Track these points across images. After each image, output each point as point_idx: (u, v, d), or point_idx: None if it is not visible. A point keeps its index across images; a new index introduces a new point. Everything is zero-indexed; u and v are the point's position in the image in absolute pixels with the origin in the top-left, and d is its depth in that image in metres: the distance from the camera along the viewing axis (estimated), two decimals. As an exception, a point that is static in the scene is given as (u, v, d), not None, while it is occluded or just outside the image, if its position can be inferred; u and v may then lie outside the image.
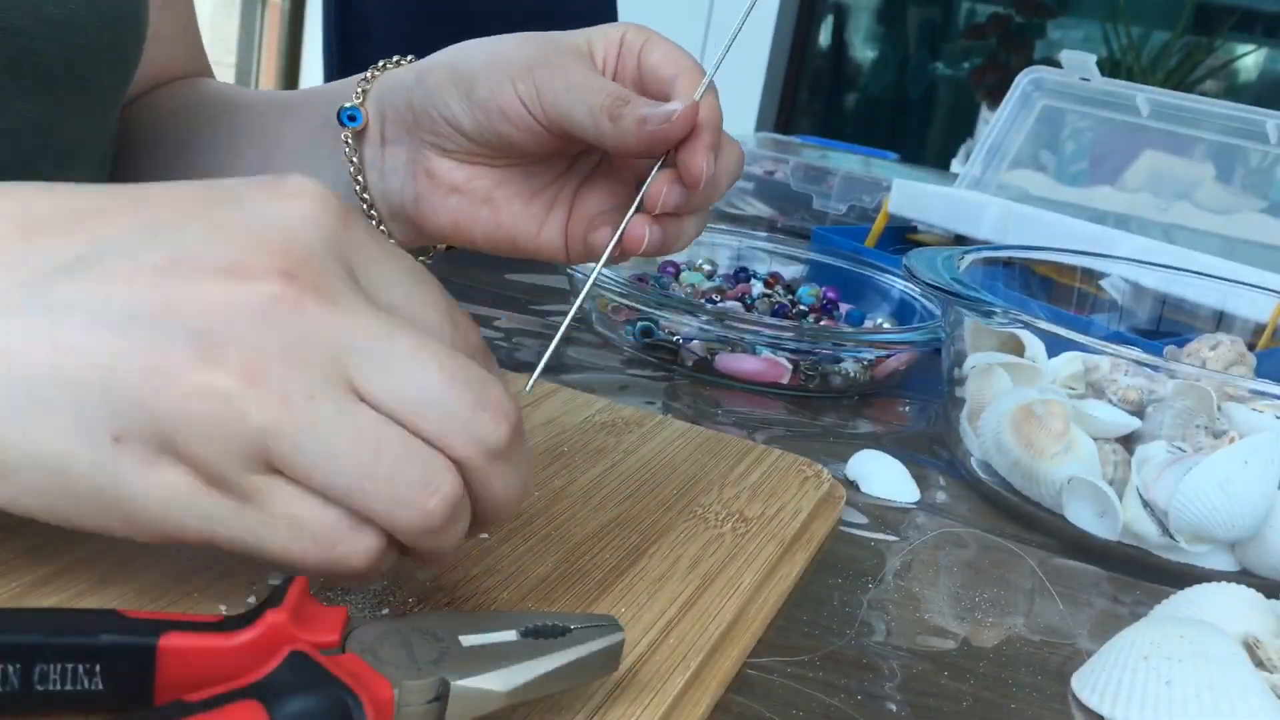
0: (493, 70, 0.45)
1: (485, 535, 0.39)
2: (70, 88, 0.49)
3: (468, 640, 0.28)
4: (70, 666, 0.26)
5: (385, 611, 0.34)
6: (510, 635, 0.29)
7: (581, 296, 0.44)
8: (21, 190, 0.30)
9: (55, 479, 0.28)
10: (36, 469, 0.28)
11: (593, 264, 0.46)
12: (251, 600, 0.33)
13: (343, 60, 1.29)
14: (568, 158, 0.49)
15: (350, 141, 0.50)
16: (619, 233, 0.44)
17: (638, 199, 0.44)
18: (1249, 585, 0.42)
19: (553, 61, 0.44)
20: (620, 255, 0.45)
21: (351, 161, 0.50)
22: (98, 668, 0.26)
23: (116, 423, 0.27)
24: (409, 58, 0.51)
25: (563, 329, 0.42)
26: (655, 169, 0.44)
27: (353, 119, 0.49)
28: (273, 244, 0.28)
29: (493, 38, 0.47)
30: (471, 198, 0.48)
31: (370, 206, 0.51)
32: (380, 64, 0.51)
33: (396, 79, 0.49)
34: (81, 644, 0.26)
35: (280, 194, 0.30)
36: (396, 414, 0.28)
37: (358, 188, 0.50)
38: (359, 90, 0.50)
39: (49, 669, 0.25)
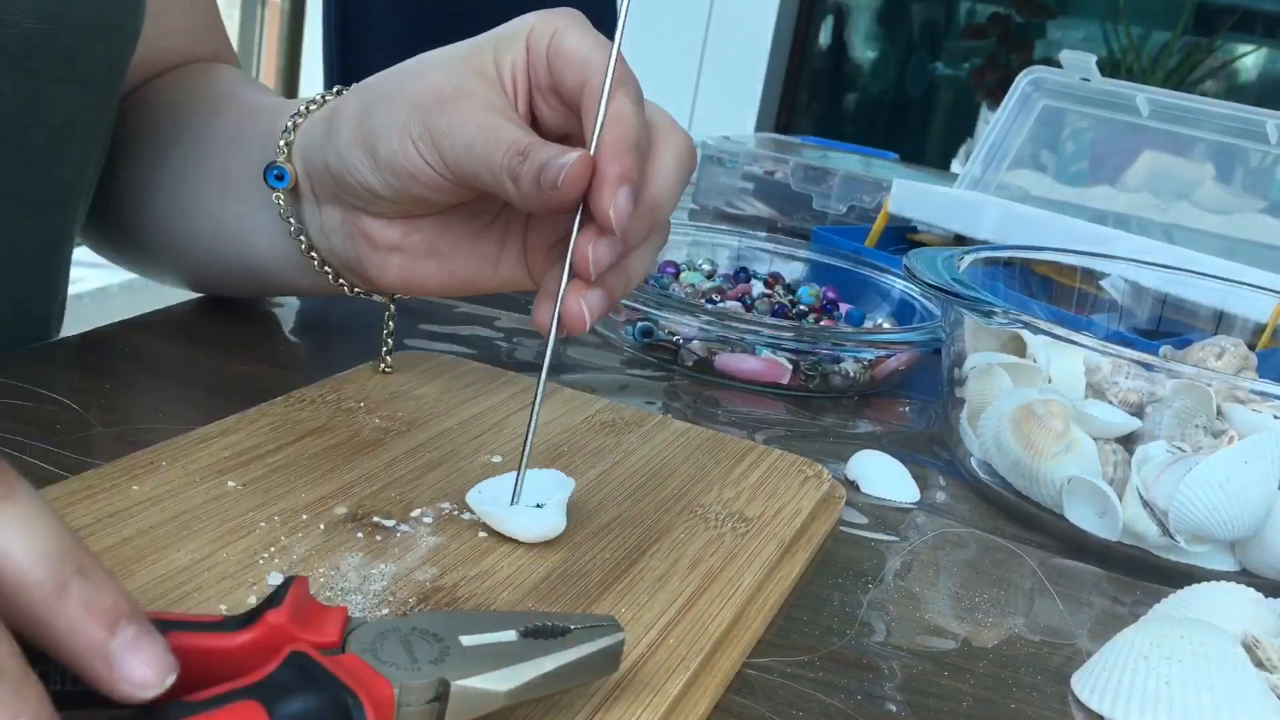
0: (392, 127, 0.42)
1: (483, 534, 0.39)
2: (58, 64, 0.48)
3: (468, 640, 0.28)
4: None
5: (385, 611, 0.34)
6: (510, 635, 0.29)
7: (543, 377, 0.41)
8: None
9: None
10: None
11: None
12: (252, 600, 0.33)
13: (343, 60, 1.29)
14: (495, 207, 0.46)
15: (283, 202, 0.48)
16: (554, 319, 0.40)
17: (564, 272, 0.40)
18: (1249, 585, 0.43)
19: (452, 107, 0.41)
20: (569, 333, 0.41)
21: (289, 221, 0.48)
22: None
23: None
24: (329, 94, 0.48)
25: (539, 392, 0.40)
26: (574, 232, 0.39)
27: (280, 179, 0.47)
28: None
29: (405, 65, 0.44)
30: (414, 253, 0.46)
31: (321, 264, 0.49)
32: (301, 108, 0.48)
33: (310, 135, 0.46)
34: None
35: None
36: None
37: (302, 245, 0.49)
38: (282, 144, 0.48)
39: (49, 668, 0.25)
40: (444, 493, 0.42)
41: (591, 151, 0.39)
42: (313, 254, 0.49)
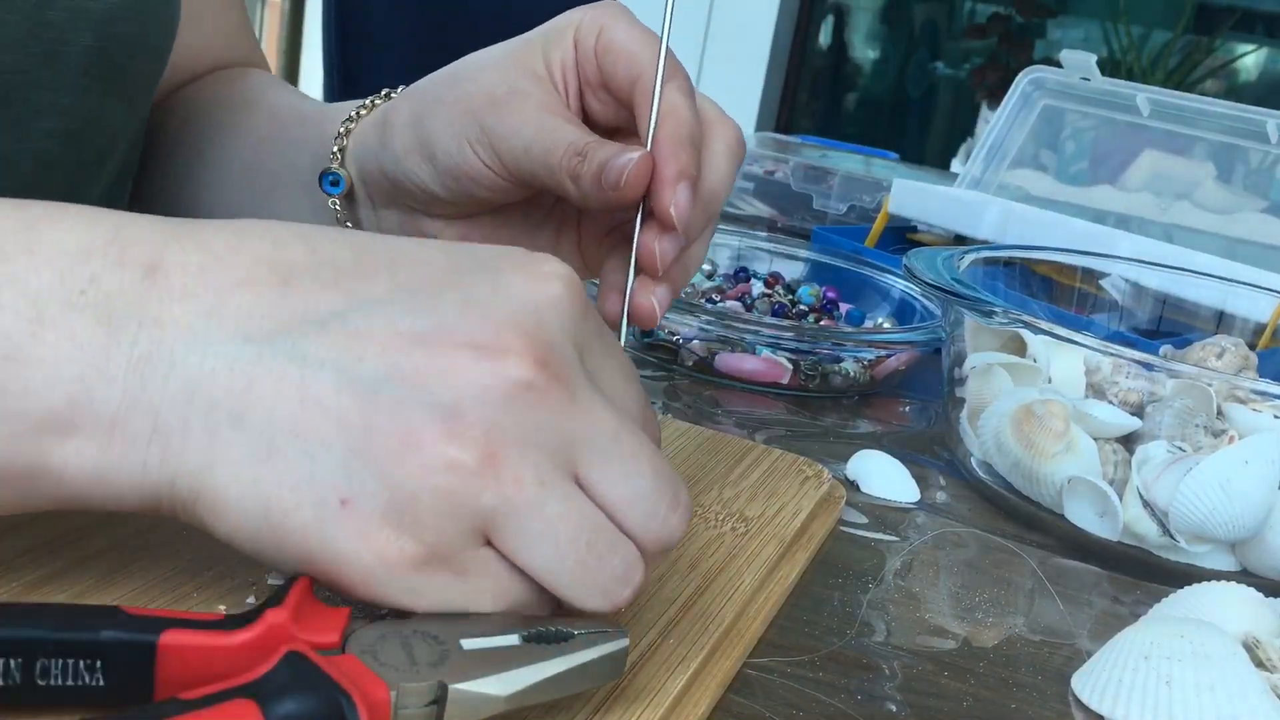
0: (448, 132, 0.42)
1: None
2: (107, 79, 0.48)
3: (468, 643, 0.28)
4: (71, 662, 0.26)
5: (385, 612, 0.34)
6: (512, 639, 0.29)
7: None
8: (270, 230, 0.30)
9: (270, 529, 0.28)
10: (256, 515, 0.28)
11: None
12: (251, 600, 0.33)
13: (343, 60, 1.29)
14: (551, 197, 0.46)
15: (339, 207, 0.48)
16: (625, 313, 0.41)
17: (630, 269, 0.41)
18: (1249, 585, 0.42)
19: (507, 109, 0.41)
20: (642, 327, 0.42)
21: (346, 225, 0.48)
22: (99, 664, 0.26)
23: (349, 485, 0.27)
24: (378, 99, 0.48)
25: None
26: (636, 230, 0.40)
27: (335, 184, 0.47)
28: (526, 327, 0.29)
29: (454, 67, 0.44)
30: None
31: None
32: (352, 113, 0.48)
33: (365, 141, 0.46)
34: (83, 639, 0.26)
35: (535, 274, 0.30)
36: (608, 506, 0.29)
37: None
38: (336, 151, 0.47)
39: (50, 664, 0.25)
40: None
41: (648, 148, 0.39)
42: None
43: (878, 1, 3.28)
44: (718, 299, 0.73)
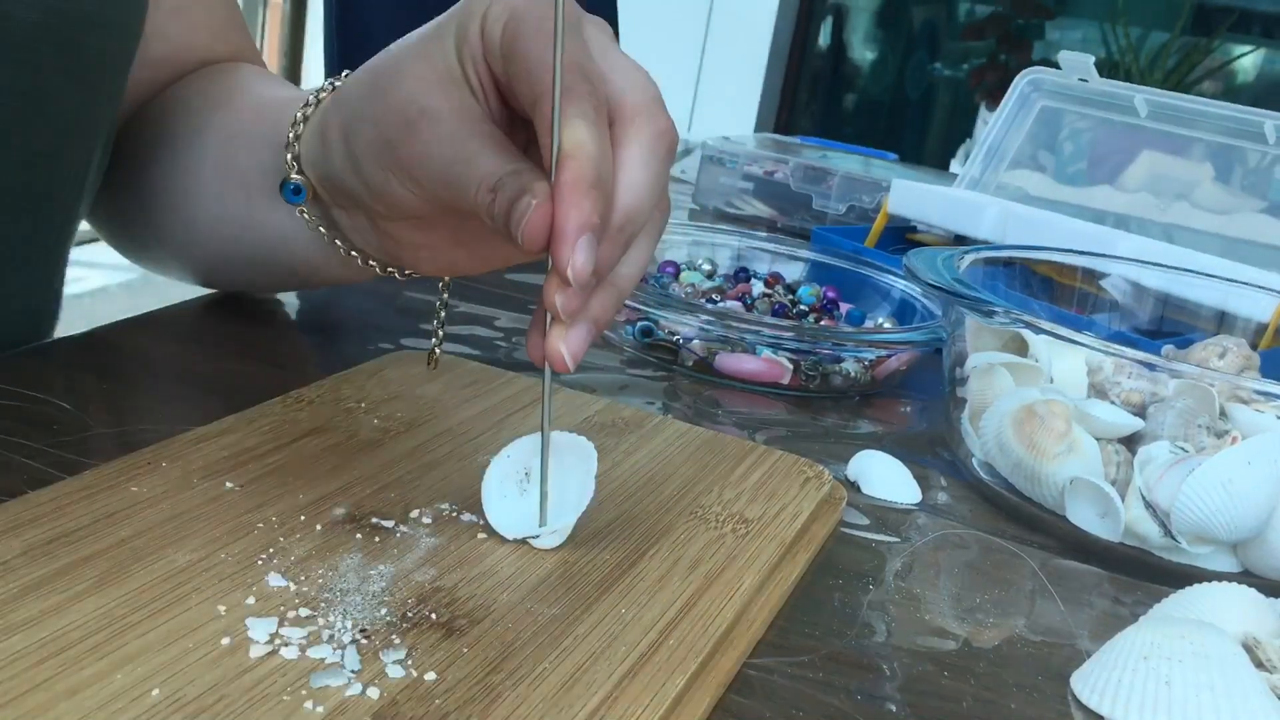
0: (370, 154, 0.40)
1: (482, 535, 0.39)
2: (60, 59, 0.47)
3: None
4: None
5: (384, 611, 0.34)
6: None
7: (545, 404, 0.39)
8: None
9: None
10: None
11: None
12: (251, 601, 0.33)
13: (343, 60, 1.29)
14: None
15: (308, 215, 0.47)
16: (545, 374, 0.38)
17: (546, 316, 0.37)
18: (1251, 587, 0.42)
19: (417, 135, 0.38)
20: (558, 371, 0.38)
21: (321, 230, 0.47)
22: None
23: None
24: (323, 92, 0.46)
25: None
26: (548, 274, 0.36)
27: (296, 193, 0.46)
28: None
29: (373, 66, 0.42)
30: (440, 247, 0.45)
31: (365, 259, 0.48)
32: (298, 115, 0.46)
33: (311, 149, 0.45)
34: None
35: None
36: None
37: (341, 249, 0.47)
38: (289, 158, 0.46)
39: None
40: (443, 493, 0.41)
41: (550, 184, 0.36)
42: (353, 253, 0.48)
43: (877, 2, 3.28)
44: (718, 299, 0.73)
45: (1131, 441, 0.51)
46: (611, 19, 1.48)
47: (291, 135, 0.46)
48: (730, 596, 0.38)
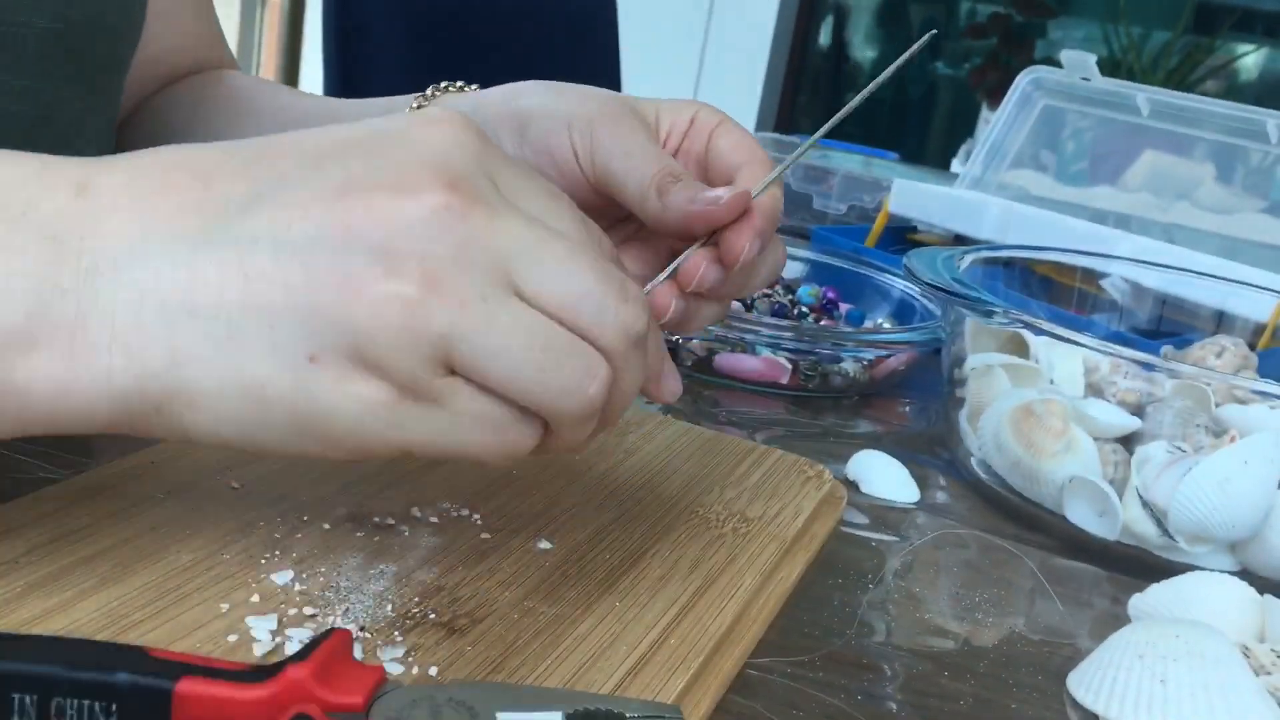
0: (551, 115, 0.43)
1: (485, 535, 0.39)
2: (68, 65, 0.48)
3: (505, 716, 0.27)
4: (87, 703, 0.25)
5: (389, 609, 0.34)
6: (555, 716, 0.27)
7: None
8: (182, 146, 0.32)
9: (253, 405, 0.29)
10: (235, 397, 0.29)
11: None
12: (256, 600, 0.33)
13: (342, 60, 1.29)
14: (606, 219, 0.46)
15: None
16: (645, 290, 0.40)
17: (671, 267, 0.40)
18: (1250, 586, 0.43)
19: (614, 120, 0.42)
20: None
21: None
22: (114, 706, 0.26)
23: (312, 342, 0.29)
24: (472, 86, 0.49)
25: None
26: (697, 244, 0.40)
27: None
28: (430, 163, 0.30)
29: (557, 84, 0.45)
30: None
31: None
32: (437, 86, 0.49)
33: (454, 104, 0.47)
34: (99, 681, 0.26)
35: (428, 120, 0.32)
36: (554, 311, 0.31)
37: None
38: (415, 106, 0.48)
39: (66, 703, 0.25)
40: (445, 492, 0.42)
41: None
42: None
43: (877, 1, 3.28)
44: (718, 299, 0.73)
45: (1129, 441, 0.51)
46: (612, 19, 1.48)
47: (430, 92, 0.48)
48: (731, 596, 0.38)
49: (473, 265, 0.29)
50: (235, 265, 0.29)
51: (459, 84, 0.49)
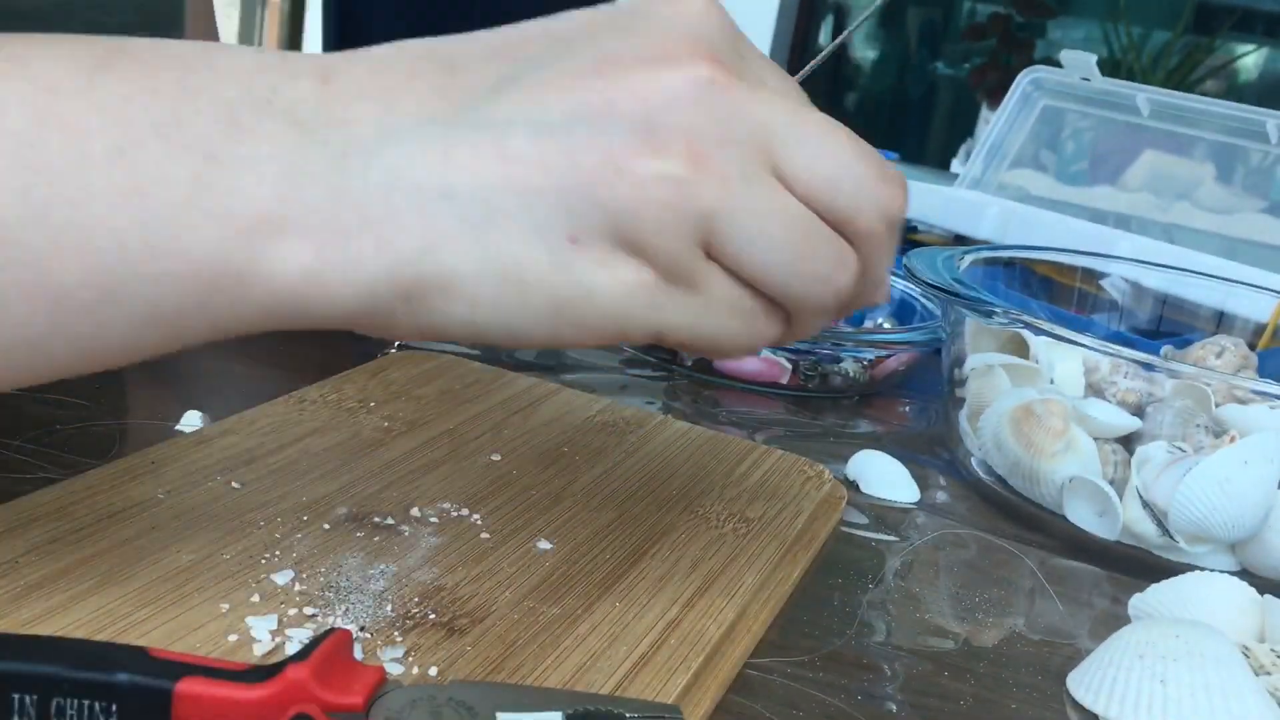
0: None
1: (484, 535, 0.39)
2: None
3: (505, 716, 0.27)
4: (87, 703, 0.25)
5: (389, 609, 0.34)
6: (555, 716, 0.27)
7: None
8: (423, 40, 0.31)
9: (512, 288, 0.29)
10: (493, 280, 0.29)
11: None
12: (256, 599, 0.33)
13: (343, 60, 1.29)
14: None
15: None
16: None
17: None
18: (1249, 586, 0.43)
19: None
20: None
21: None
22: (114, 707, 0.26)
23: (572, 223, 0.28)
24: None
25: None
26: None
27: None
28: (687, 35, 0.29)
29: None
30: None
31: None
32: None
33: None
34: (99, 681, 0.26)
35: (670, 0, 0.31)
36: (815, 189, 0.30)
37: None
38: None
39: (66, 703, 0.25)
40: (445, 492, 0.42)
41: None
42: None
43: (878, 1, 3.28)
44: (718, 299, 0.73)
45: (1129, 441, 0.51)
46: None
47: None
48: (731, 596, 0.38)
49: (737, 142, 0.29)
50: (491, 146, 0.28)
51: None
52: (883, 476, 0.54)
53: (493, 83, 0.29)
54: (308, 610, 0.33)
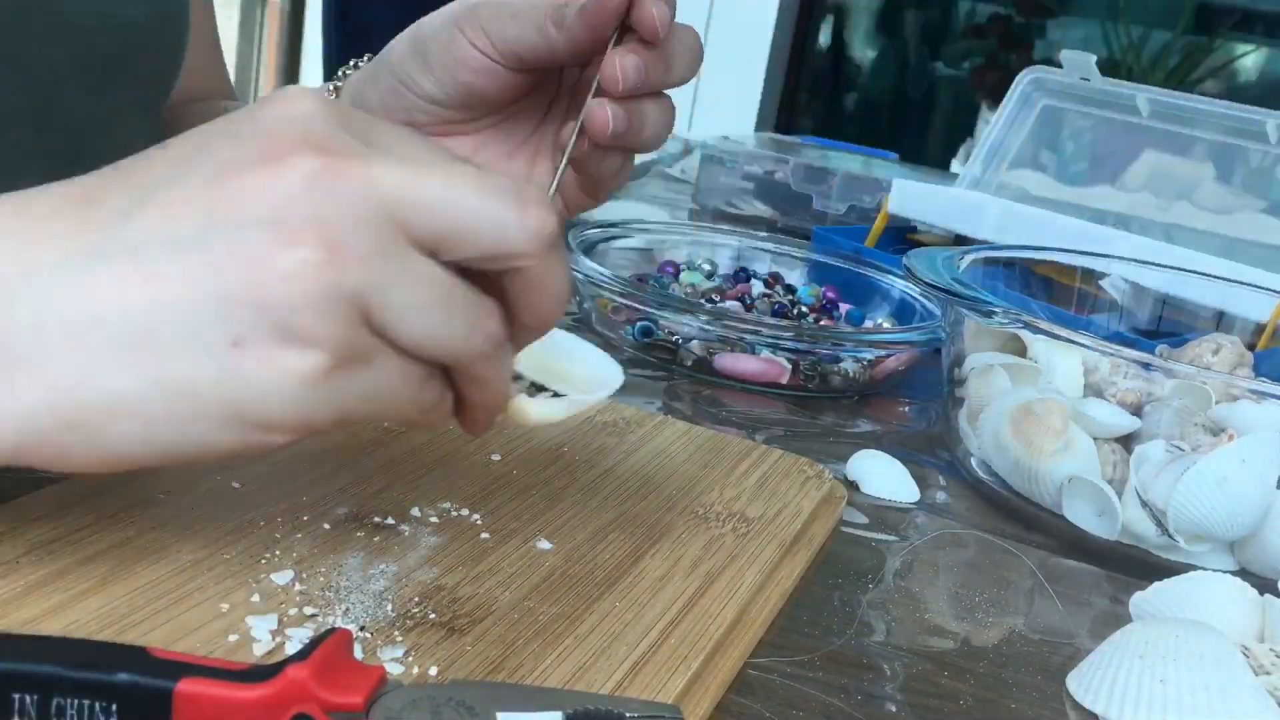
0: (441, 27, 0.46)
1: (484, 535, 0.39)
2: (126, 84, 0.49)
3: (505, 716, 0.27)
4: (87, 703, 0.25)
5: (389, 609, 0.34)
6: (555, 716, 0.27)
7: (559, 173, 0.45)
8: (59, 183, 0.32)
9: (184, 402, 0.29)
10: (162, 397, 0.29)
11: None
12: (256, 599, 0.33)
13: (342, 61, 1.29)
14: (541, 106, 0.49)
15: None
16: (579, 121, 0.43)
17: (594, 83, 0.43)
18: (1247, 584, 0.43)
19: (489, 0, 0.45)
20: (589, 148, 0.44)
21: None
22: (114, 706, 0.26)
23: (231, 328, 0.28)
24: (365, 57, 0.52)
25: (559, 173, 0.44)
26: (609, 49, 0.43)
27: None
28: (290, 132, 0.30)
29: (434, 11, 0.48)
30: (491, 164, 0.49)
31: None
32: (341, 71, 0.52)
33: (359, 76, 0.50)
34: (99, 681, 0.26)
35: (274, 100, 0.31)
36: (449, 246, 0.30)
37: None
38: (330, 90, 0.51)
39: (66, 703, 0.25)
40: (445, 492, 0.42)
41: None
42: None
43: (877, 2, 3.28)
44: (717, 299, 0.74)
45: (1128, 440, 0.51)
46: None
47: (339, 76, 0.51)
48: (731, 596, 0.38)
49: (367, 220, 0.29)
50: (131, 270, 0.29)
51: (353, 62, 0.52)
52: (883, 476, 0.54)
53: (124, 208, 0.30)
54: (308, 610, 0.33)
